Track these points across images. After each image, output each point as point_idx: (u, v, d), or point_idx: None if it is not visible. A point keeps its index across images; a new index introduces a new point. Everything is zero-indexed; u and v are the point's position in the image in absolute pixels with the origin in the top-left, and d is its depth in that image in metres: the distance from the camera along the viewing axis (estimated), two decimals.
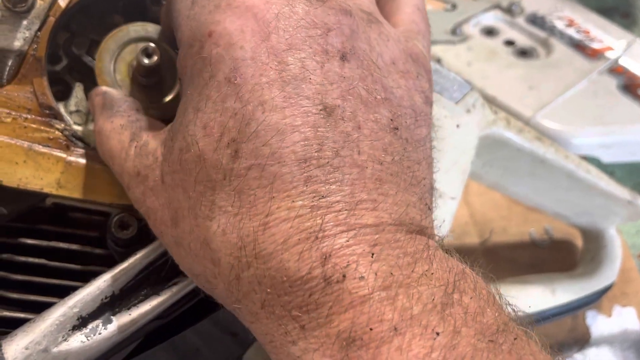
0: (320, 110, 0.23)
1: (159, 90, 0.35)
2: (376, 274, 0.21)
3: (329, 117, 0.23)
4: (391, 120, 0.25)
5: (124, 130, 0.29)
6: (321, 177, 0.22)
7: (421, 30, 0.31)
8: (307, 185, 0.22)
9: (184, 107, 0.25)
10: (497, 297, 0.23)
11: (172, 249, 0.26)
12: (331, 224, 0.22)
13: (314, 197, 0.22)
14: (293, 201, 0.22)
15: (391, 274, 0.21)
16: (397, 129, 0.25)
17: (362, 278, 0.21)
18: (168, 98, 0.35)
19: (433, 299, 0.21)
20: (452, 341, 0.19)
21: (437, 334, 0.20)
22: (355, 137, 0.24)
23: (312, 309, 0.21)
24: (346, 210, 0.22)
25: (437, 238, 0.25)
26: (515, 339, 0.21)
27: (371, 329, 0.20)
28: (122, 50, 0.35)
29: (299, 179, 0.22)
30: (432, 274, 0.22)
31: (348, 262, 0.21)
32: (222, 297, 0.25)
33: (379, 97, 0.25)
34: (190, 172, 0.24)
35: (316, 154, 0.23)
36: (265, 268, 0.22)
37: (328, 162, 0.23)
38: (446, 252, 0.24)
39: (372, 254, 0.21)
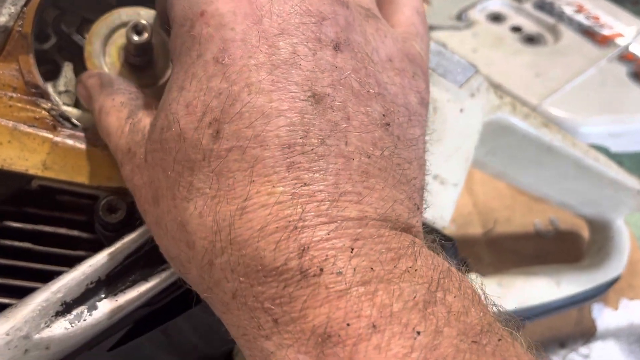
0: (309, 97, 0.23)
1: (149, 73, 0.34)
2: (355, 269, 0.20)
3: (317, 105, 0.23)
4: (383, 115, 0.24)
5: (123, 107, 0.29)
6: (304, 165, 0.22)
7: (420, 32, 0.30)
8: (289, 172, 0.21)
9: (170, 86, 0.25)
10: (483, 297, 0.22)
11: (153, 229, 0.26)
12: (312, 214, 0.21)
13: (296, 184, 0.21)
14: (273, 186, 0.21)
15: (371, 269, 0.20)
16: (389, 125, 0.24)
17: (339, 273, 0.20)
18: (160, 82, 0.34)
19: (415, 297, 0.20)
20: (433, 341, 0.19)
21: (418, 333, 0.19)
22: (343, 127, 0.23)
23: (286, 302, 0.20)
24: (329, 200, 0.21)
25: (423, 237, 0.24)
26: (499, 340, 0.20)
27: (348, 325, 0.19)
28: (113, 34, 0.34)
29: (282, 164, 0.21)
30: (415, 270, 0.21)
31: (326, 256, 0.20)
32: (195, 283, 0.24)
33: (371, 90, 0.24)
34: (169, 152, 0.24)
35: (301, 140, 0.22)
36: (240, 255, 0.21)
37: (313, 150, 0.22)
38: (432, 251, 0.23)
39: (352, 249, 0.20)
